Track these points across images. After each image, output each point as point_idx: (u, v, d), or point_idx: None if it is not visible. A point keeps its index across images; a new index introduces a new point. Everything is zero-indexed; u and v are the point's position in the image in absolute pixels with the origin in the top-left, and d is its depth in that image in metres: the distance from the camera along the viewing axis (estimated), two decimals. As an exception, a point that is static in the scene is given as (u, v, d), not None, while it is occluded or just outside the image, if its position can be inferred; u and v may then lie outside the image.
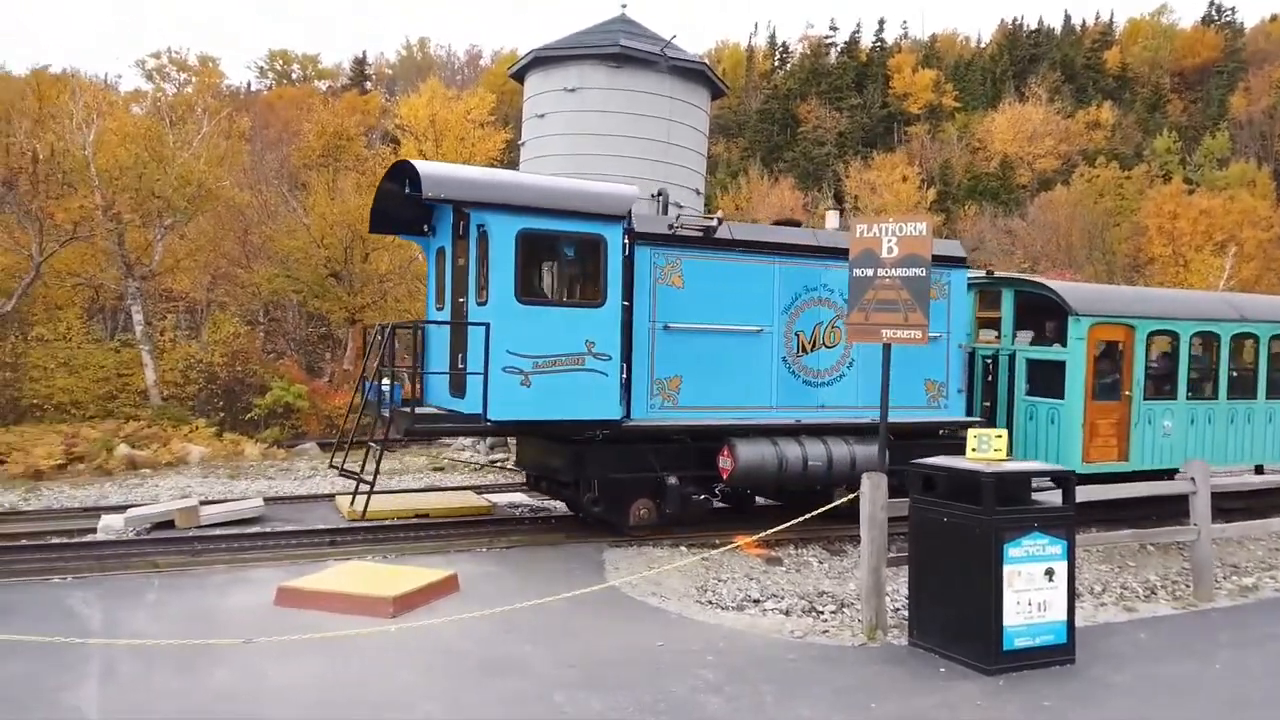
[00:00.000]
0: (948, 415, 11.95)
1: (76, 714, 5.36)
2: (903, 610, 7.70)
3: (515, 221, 9.47)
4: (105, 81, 37.25)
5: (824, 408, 11.27)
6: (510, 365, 9.38)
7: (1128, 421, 12.13)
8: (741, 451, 10.37)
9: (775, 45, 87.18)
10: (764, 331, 10.88)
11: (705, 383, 10.56)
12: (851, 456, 10.87)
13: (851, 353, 11.38)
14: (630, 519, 10.34)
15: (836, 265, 11.13)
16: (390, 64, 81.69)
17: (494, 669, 6.22)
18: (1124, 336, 12.19)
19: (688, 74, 19.75)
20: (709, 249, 10.63)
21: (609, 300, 9.84)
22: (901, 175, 55.03)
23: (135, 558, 9.21)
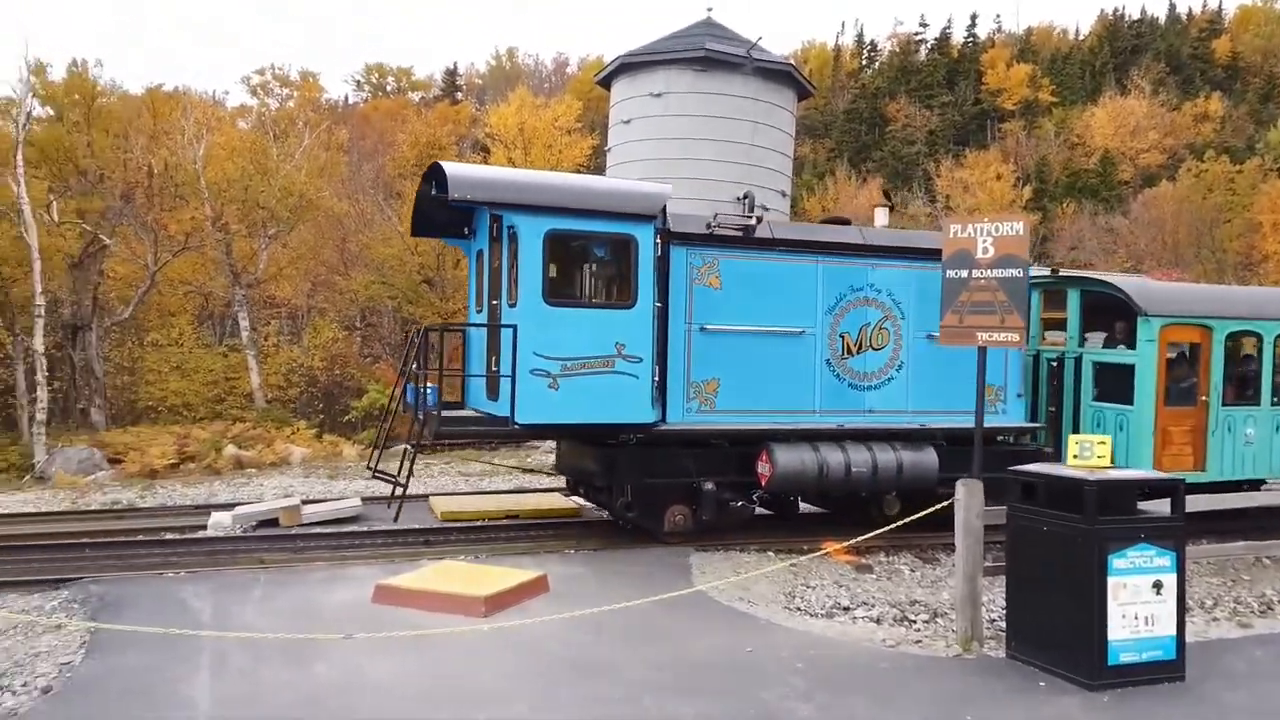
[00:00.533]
0: (1006, 421, 11.44)
1: (191, 704, 5.63)
2: (999, 621, 7.49)
3: (543, 222, 9.38)
4: (214, 98, 39.02)
5: (871, 412, 10.89)
6: (537, 368, 9.27)
7: (1204, 429, 11.42)
8: (780, 457, 10.08)
9: (863, 44, 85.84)
10: (806, 333, 10.59)
11: (744, 386, 10.32)
12: (898, 463, 10.49)
13: (901, 354, 11.01)
14: (665, 525, 10.18)
15: (885, 264, 10.88)
16: (480, 74, 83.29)
17: (584, 670, 6.29)
18: (1200, 338, 11.48)
19: (773, 75, 19.64)
20: (748, 248, 10.40)
21: (640, 301, 9.65)
22: (995, 173, 53.48)
23: (243, 554, 9.62)
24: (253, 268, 23.41)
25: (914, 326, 11.02)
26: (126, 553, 9.64)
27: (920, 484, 10.59)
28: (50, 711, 5.50)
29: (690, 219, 10.67)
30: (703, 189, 18.80)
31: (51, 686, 5.90)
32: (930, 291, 10.89)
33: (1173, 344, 11.56)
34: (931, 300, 10.87)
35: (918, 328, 11.01)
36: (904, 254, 11.09)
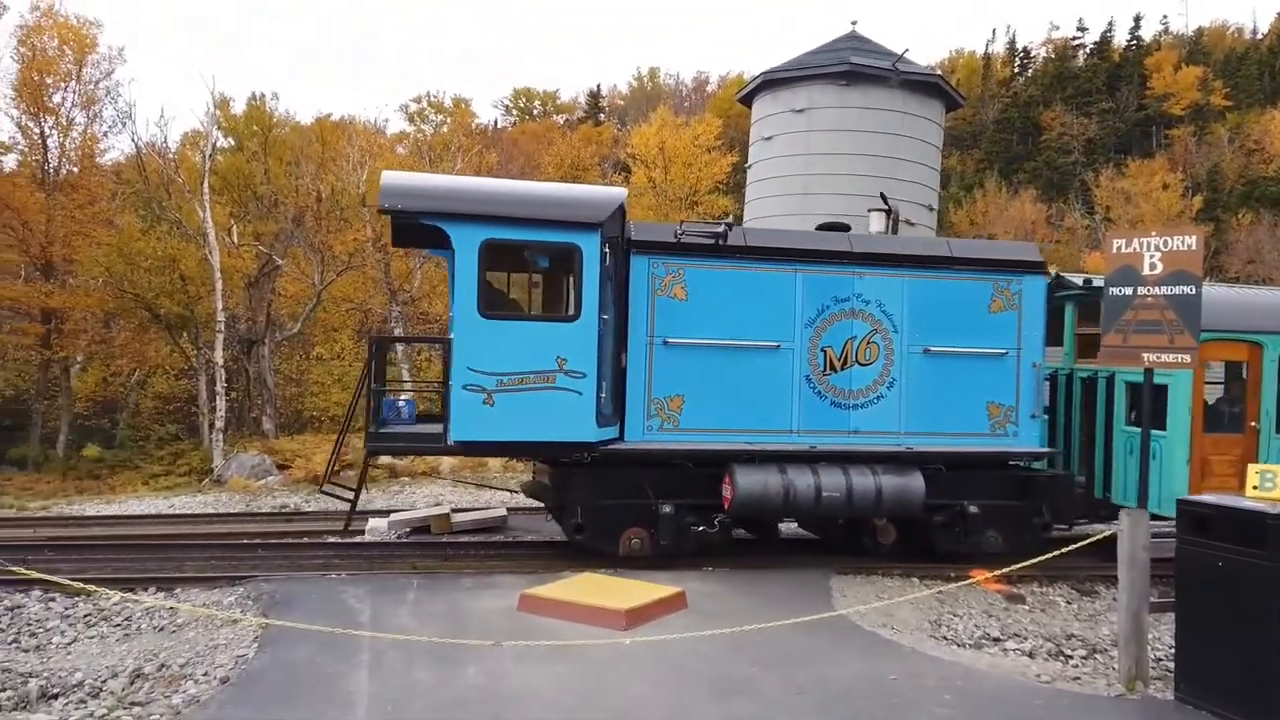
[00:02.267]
0: (1017, 444, 10.46)
1: (351, 700, 5.95)
2: (1166, 660, 7.03)
3: (479, 231, 8.97)
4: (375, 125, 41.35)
5: (857, 433, 10.15)
6: (472, 383, 8.89)
7: (1255, 458, 10.15)
8: (741, 480, 9.49)
9: (1015, 51, 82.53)
10: (783, 347, 9.96)
11: (711, 403, 9.78)
12: (877, 488, 9.70)
13: (892, 371, 10.23)
14: (620, 549, 9.66)
15: (874, 272, 10.16)
16: (622, 95, 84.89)
17: (724, 689, 6.28)
18: (1249, 356, 10.25)
19: (920, 87, 19.19)
20: (717, 257, 9.83)
21: (584, 314, 9.11)
22: (1162, 182, 50.27)
23: (397, 559, 10.10)
24: (409, 285, 24.63)
25: (908, 340, 10.26)
26: (294, 554, 10.30)
27: (903, 511, 9.98)
28: (228, 700, 5.93)
29: (656, 227, 10.29)
30: (847, 204, 18.54)
31: (229, 677, 6.36)
32: (927, 302, 10.30)
33: (1228, 363, 10.37)
34: (928, 311, 10.33)
35: (912, 342, 10.26)
36: (896, 261, 10.33)
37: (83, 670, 6.69)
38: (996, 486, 10.43)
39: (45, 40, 29.46)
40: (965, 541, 10.20)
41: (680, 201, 33.68)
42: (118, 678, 6.51)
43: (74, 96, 29.91)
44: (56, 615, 8.22)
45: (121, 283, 26.11)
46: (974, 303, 10.37)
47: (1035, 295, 10.54)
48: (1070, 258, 46.39)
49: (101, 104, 30.35)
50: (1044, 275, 10.73)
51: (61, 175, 29.67)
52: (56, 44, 29.61)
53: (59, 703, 6.18)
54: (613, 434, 9.51)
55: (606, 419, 9.40)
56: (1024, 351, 10.47)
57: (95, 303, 27.43)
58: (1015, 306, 10.44)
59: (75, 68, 29.66)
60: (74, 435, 28.16)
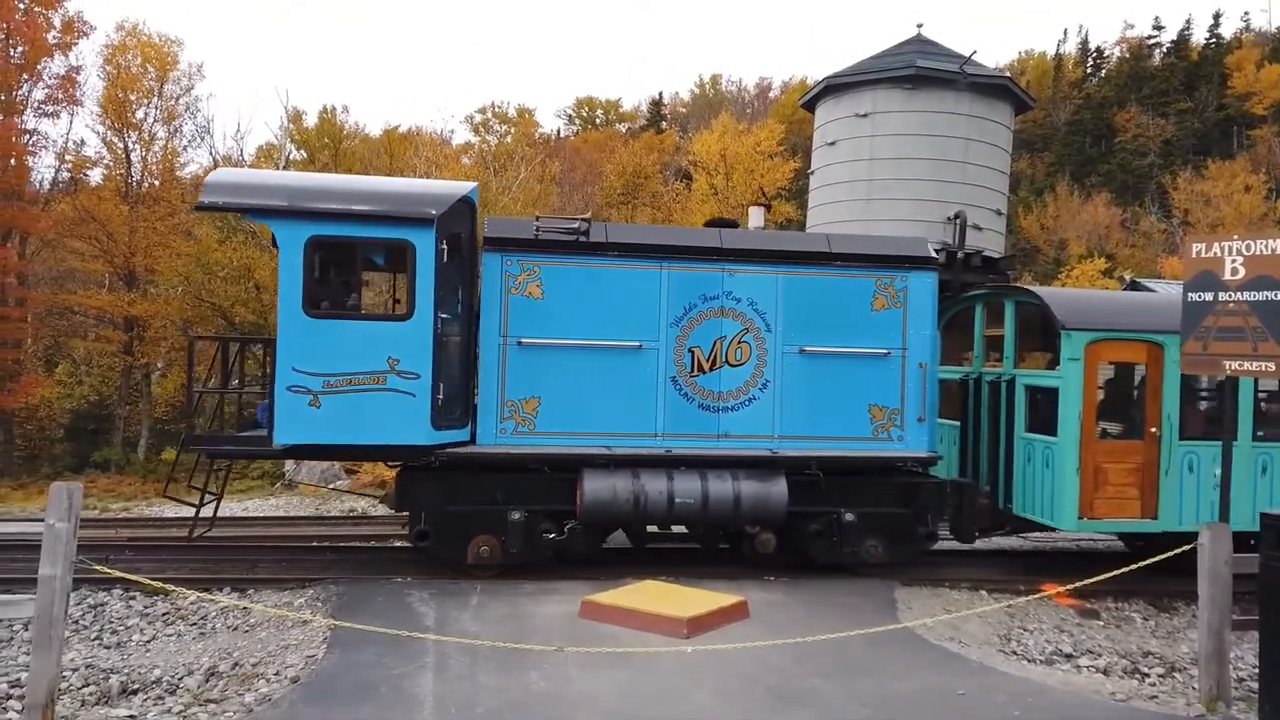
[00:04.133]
0: (902, 449, 9.90)
1: (417, 701, 6.04)
2: (1249, 680, 6.76)
3: (304, 228, 8.67)
4: (441, 135, 42.09)
5: (727, 436, 9.70)
6: (296, 384, 8.57)
7: (1156, 467, 9.53)
8: (588, 485, 9.19)
9: (1087, 51, 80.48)
10: (646, 347, 9.56)
11: (569, 405, 9.41)
12: (735, 495, 9.30)
13: (765, 372, 9.77)
14: (469, 557, 9.28)
15: (745, 269, 9.74)
16: (684, 103, 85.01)
17: (787, 699, 6.22)
18: (1147, 357, 9.59)
19: (988, 90, 18.81)
20: (577, 254, 9.47)
21: (418, 313, 8.77)
22: (1244, 184, 48.47)
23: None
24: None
25: (782, 340, 9.82)
26: (362, 557, 10.50)
27: (763, 518, 9.56)
28: (298, 699, 6.07)
29: (511, 223, 9.99)
30: (912, 209, 18.27)
31: (299, 676, 6.51)
32: (803, 300, 9.85)
33: (1108, 363, 9.75)
34: (805, 310, 9.84)
35: (787, 342, 9.82)
36: (770, 258, 9.88)
37: (161, 667, 6.91)
38: (879, 494, 9.95)
39: (129, 58, 30.69)
40: (841, 552, 9.77)
41: (743, 208, 33.56)
42: (194, 675, 6.72)
43: (156, 112, 31.12)
44: (136, 614, 8.52)
45: (199, 291, 27.02)
46: (854, 301, 9.92)
47: (922, 293, 10.02)
48: (1146, 262, 45.00)
49: (181, 119, 31.52)
50: (932, 271, 10.18)
51: (144, 188, 30.88)
52: (140, 62, 30.84)
53: (138, 698, 6.40)
54: (459, 437, 9.21)
55: (450, 422, 9.11)
56: (909, 352, 9.97)
57: (175, 311, 28.45)
58: (900, 305, 9.96)
59: (157, 84, 30.85)
60: (154, 439, 29.20)
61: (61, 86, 29.63)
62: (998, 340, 10.85)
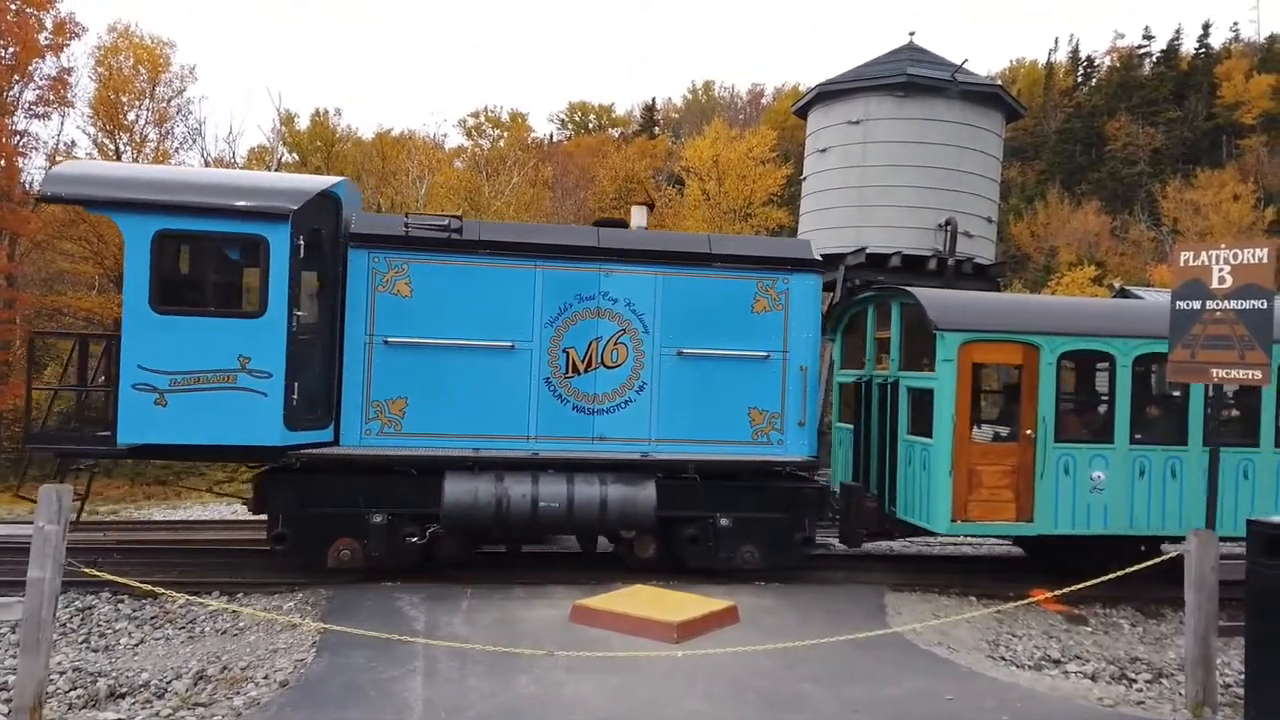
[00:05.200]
0: (782, 453, 9.77)
1: (406, 705, 6.04)
2: (1235, 686, 6.80)
3: (151, 222, 8.40)
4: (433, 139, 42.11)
5: (602, 439, 9.54)
6: (142, 382, 8.31)
7: (1031, 469, 9.47)
8: (449, 488, 9.00)
9: (1078, 60, 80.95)
10: (519, 348, 9.41)
11: (438, 406, 9.25)
12: (601, 499, 9.15)
13: (643, 374, 9.62)
14: (330, 560, 9.08)
15: (623, 270, 9.62)
16: (677, 108, 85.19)
17: (777, 704, 6.23)
18: (1023, 359, 9.53)
19: (979, 98, 18.93)
20: (448, 251, 9.31)
21: (271, 310, 8.54)
22: (1232, 193, 48.83)
23: (451, 568, 10.18)
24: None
25: (660, 342, 9.69)
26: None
27: (631, 523, 9.42)
28: (287, 703, 6.05)
29: (380, 219, 9.79)
30: (905, 216, 18.36)
31: (288, 680, 6.49)
32: (682, 301, 9.75)
33: (982, 365, 9.67)
34: (684, 311, 9.76)
35: (665, 343, 9.69)
36: (648, 258, 9.74)
37: (149, 670, 6.89)
38: (758, 499, 9.77)
39: (121, 60, 30.62)
40: (716, 558, 9.62)
41: (734, 214, 33.65)
42: (182, 679, 6.69)
43: (147, 114, 31.04)
44: (124, 617, 8.49)
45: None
46: (735, 302, 9.79)
47: (805, 295, 9.91)
48: (1136, 270, 45.27)
49: (173, 121, 31.46)
50: (815, 273, 10.06)
51: (134, 190, 30.72)
52: (132, 64, 30.77)
53: (126, 702, 6.37)
54: (319, 437, 9.03)
55: (308, 422, 8.92)
56: (790, 355, 9.85)
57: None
58: (781, 307, 9.83)
59: (149, 86, 30.78)
60: (142, 442, 29.03)
61: (53, 88, 29.56)
62: (888, 342, 10.79)
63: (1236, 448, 9.79)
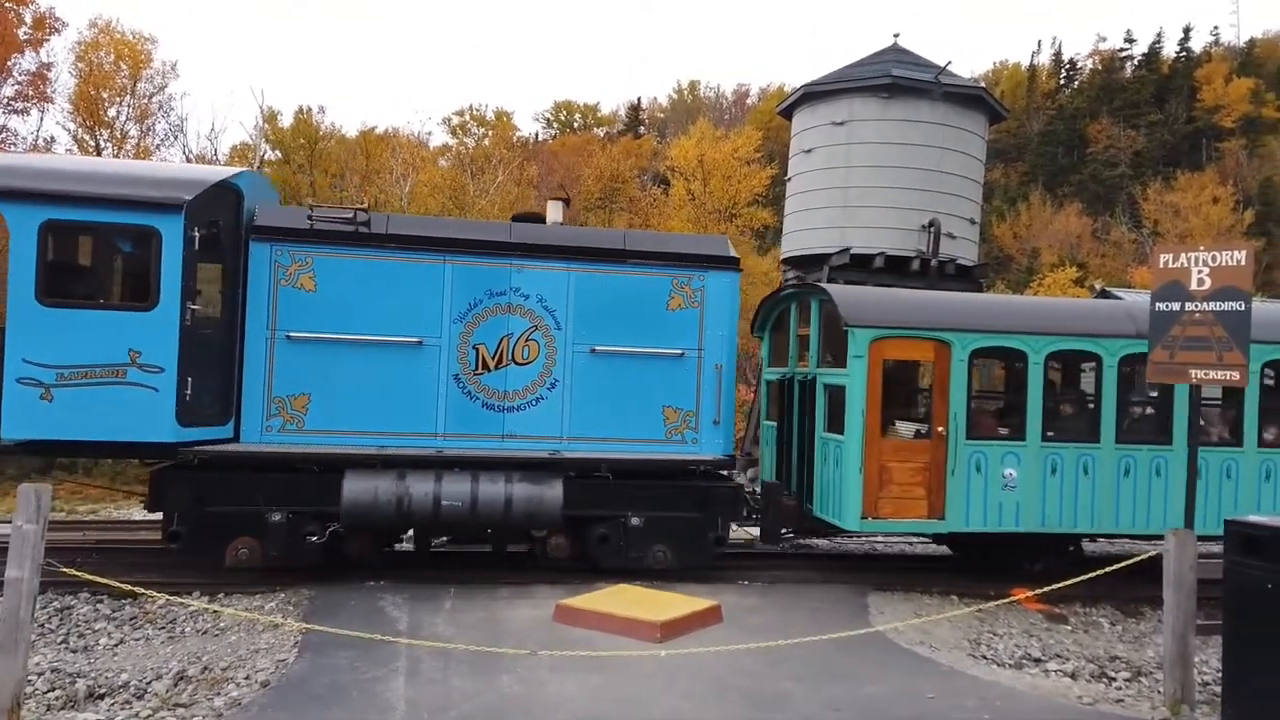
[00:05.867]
0: (696, 452, 9.71)
1: (388, 706, 6.01)
2: (1213, 684, 6.87)
3: (38, 212, 8.23)
4: (418, 137, 41.97)
5: (512, 437, 9.45)
6: (27, 376, 8.13)
7: (943, 467, 9.43)
8: (348, 486, 8.84)
9: (1060, 62, 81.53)
10: (427, 344, 9.31)
11: (342, 403, 9.12)
12: (506, 498, 9.01)
13: (554, 371, 9.55)
14: (227, 560, 8.90)
15: (535, 265, 9.53)
16: (663, 108, 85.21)
17: (759, 703, 6.25)
18: (934, 355, 9.52)
19: (963, 100, 19.03)
20: (354, 245, 9.19)
21: (163, 303, 8.36)
22: (1212, 196, 49.37)
23: (434, 569, 10.15)
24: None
25: (572, 339, 9.63)
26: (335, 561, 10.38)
27: (537, 522, 9.30)
28: (269, 703, 6.02)
29: (284, 212, 9.62)
30: (888, 217, 18.44)
31: (270, 681, 6.46)
32: (595, 298, 9.68)
33: (893, 361, 9.64)
34: (596, 309, 9.71)
35: (578, 340, 9.63)
36: (561, 254, 9.64)
37: (129, 671, 6.84)
38: (671, 498, 9.64)
39: (102, 56, 30.35)
40: (626, 557, 9.50)
41: (719, 214, 33.70)
42: (162, 679, 6.64)
43: (128, 110, 30.79)
44: (104, 617, 8.42)
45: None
46: (650, 299, 9.72)
47: (721, 292, 9.84)
48: (1117, 272, 45.64)
49: (155, 117, 31.21)
50: (732, 271, 9.97)
51: (115, 187, 30.48)
52: (113, 59, 30.51)
53: (105, 703, 6.32)
54: (216, 434, 8.87)
55: (204, 418, 8.76)
56: (706, 353, 9.78)
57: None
58: (697, 304, 9.76)
59: (130, 82, 30.53)
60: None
61: (32, 83, 29.29)
62: (809, 340, 10.81)
63: (1152, 445, 9.89)
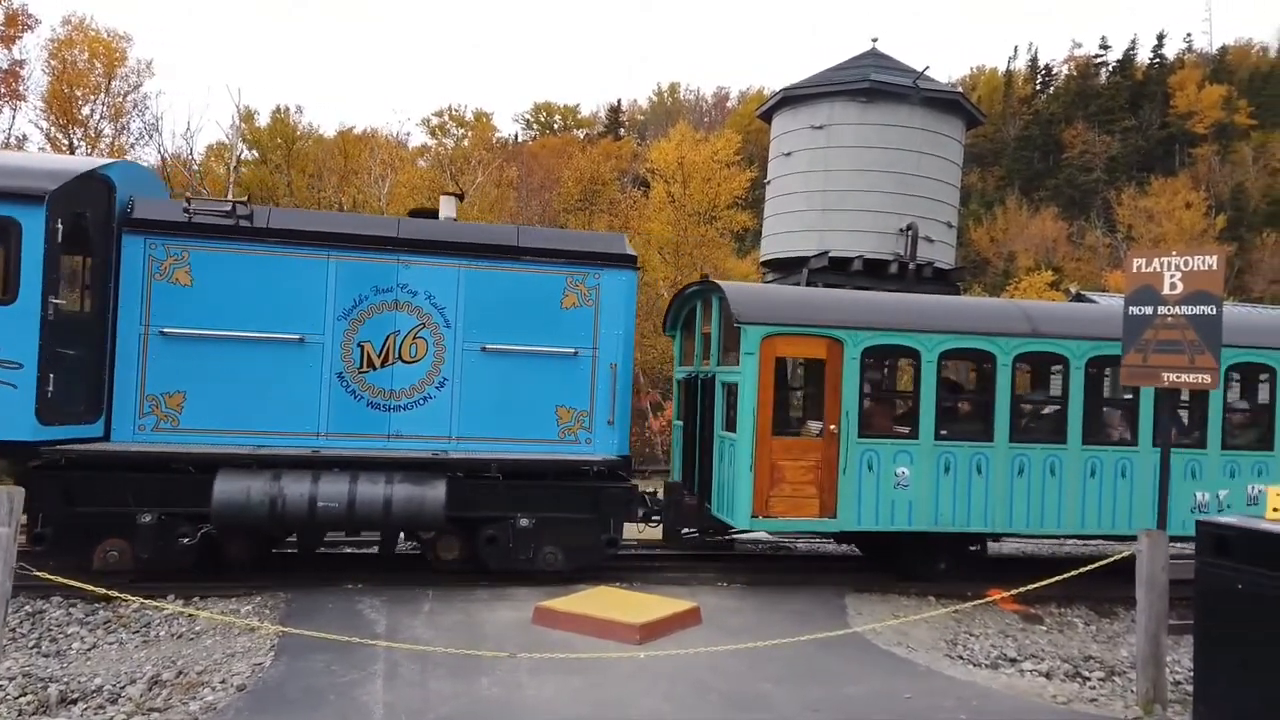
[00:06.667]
0: (590, 452, 9.56)
1: (366, 709, 5.98)
2: (1185, 683, 6.95)
3: None
4: (397, 138, 41.79)
5: (399, 437, 9.29)
6: None
7: (835, 465, 9.42)
8: (219, 486, 8.53)
9: (1036, 68, 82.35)
10: (309, 341, 9.10)
11: (220, 401, 8.90)
12: (385, 499, 8.73)
13: (444, 370, 9.37)
14: (95, 562, 8.61)
15: (424, 261, 9.36)
16: (643, 110, 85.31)
17: (738, 705, 6.27)
18: (826, 353, 9.50)
19: (941, 104, 19.21)
20: (233, 239, 8.96)
21: (21, 297, 8.08)
22: (1184, 201, 50.03)
23: (412, 571, 10.11)
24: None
25: (463, 337, 9.46)
26: (312, 563, 10.31)
27: (418, 523, 9.09)
28: (245, 707, 5.97)
29: (160, 204, 9.33)
30: (867, 220, 18.56)
31: (246, 684, 6.40)
32: (486, 296, 9.52)
33: (785, 359, 9.65)
34: (487, 306, 9.58)
35: (468, 338, 9.46)
36: (451, 250, 9.48)
37: (102, 676, 6.75)
38: (563, 499, 9.47)
39: (76, 53, 30.01)
40: (516, 559, 9.34)
41: (699, 217, 33.75)
42: (136, 684, 6.57)
43: (103, 109, 30.44)
44: (76, 621, 8.30)
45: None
46: (543, 297, 9.59)
47: (616, 290, 9.70)
48: (1092, 275, 46.13)
49: (129, 116, 30.88)
50: (629, 269, 9.83)
51: (89, 186, 30.11)
52: (87, 57, 30.16)
53: (78, 708, 6.24)
54: (83, 433, 8.64)
55: (69, 416, 8.52)
56: (600, 352, 9.64)
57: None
58: (592, 302, 9.61)
59: (105, 81, 30.19)
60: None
61: (4, 80, 28.88)
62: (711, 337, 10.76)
63: (1046, 444, 9.95)
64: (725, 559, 11.40)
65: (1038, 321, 10.11)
